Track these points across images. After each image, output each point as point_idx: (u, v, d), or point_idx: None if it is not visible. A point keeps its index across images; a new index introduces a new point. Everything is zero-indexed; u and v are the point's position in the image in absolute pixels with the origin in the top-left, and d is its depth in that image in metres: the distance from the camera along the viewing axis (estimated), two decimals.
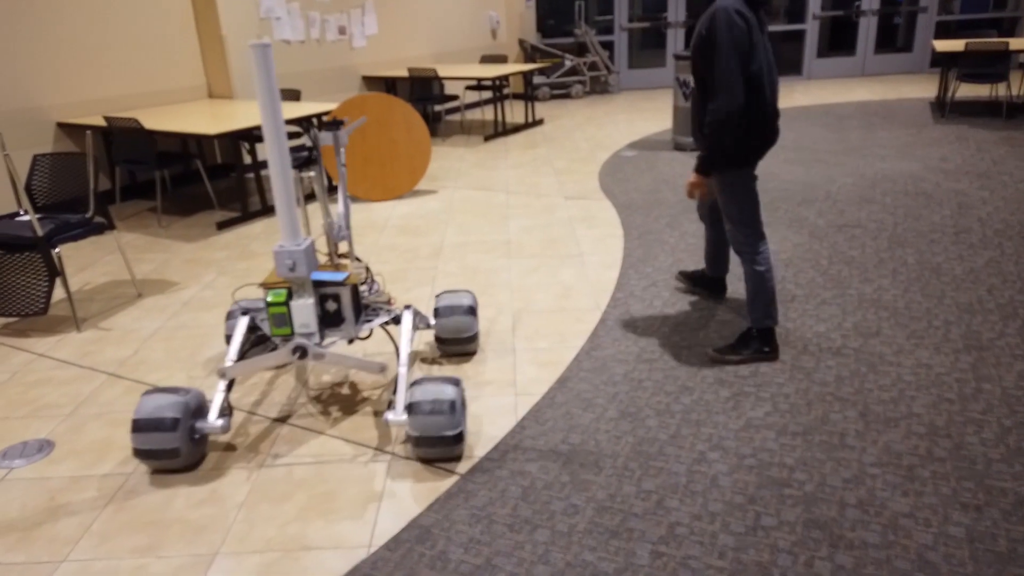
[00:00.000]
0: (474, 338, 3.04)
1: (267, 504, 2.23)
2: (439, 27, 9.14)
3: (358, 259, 2.83)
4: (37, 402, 2.87)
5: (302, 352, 2.41)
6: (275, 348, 2.77)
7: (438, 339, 3.03)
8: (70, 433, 2.65)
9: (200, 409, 2.41)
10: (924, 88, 9.56)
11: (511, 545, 2.03)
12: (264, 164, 6.80)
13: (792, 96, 9.54)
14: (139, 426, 2.28)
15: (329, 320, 2.51)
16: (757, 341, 2.97)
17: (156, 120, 5.24)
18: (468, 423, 2.61)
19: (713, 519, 2.10)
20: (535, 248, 4.39)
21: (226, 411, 2.46)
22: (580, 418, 2.62)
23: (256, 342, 2.82)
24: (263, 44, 2.18)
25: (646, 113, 8.95)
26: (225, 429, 2.41)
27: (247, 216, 5.26)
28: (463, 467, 2.37)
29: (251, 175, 6.22)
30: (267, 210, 5.40)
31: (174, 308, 3.74)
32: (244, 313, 2.74)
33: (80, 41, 5.49)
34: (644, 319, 3.39)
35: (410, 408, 2.29)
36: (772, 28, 10.79)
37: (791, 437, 2.46)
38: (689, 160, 6.45)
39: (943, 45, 7.59)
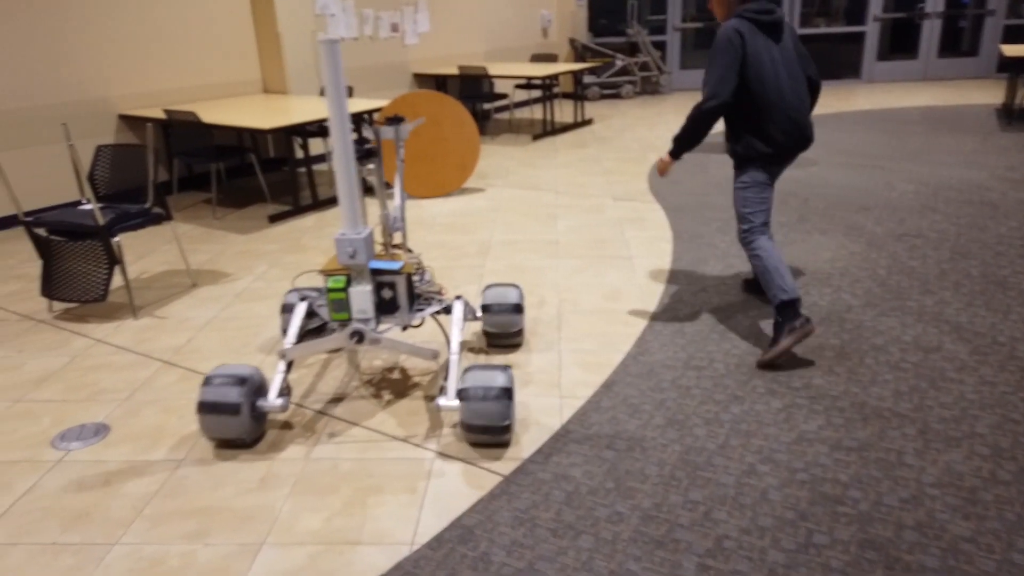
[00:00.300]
0: (520, 332, 3.13)
1: (313, 496, 2.25)
2: (490, 25, 9.15)
3: (411, 250, 2.88)
4: (94, 386, 2.96)
5: (359, 336, 2.51)
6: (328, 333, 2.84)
7: (485, 332, 3.13)
8: (126, 418, 2.72)
9: (261, 388, 2.52)
10: (990, 94, 9.22)
11: (554, 550, 2.01)
12: (316, 159, 6.90)
13: (851, 100, 9.29)
14: (205, 408, 2.40)
15: (384, 307, 2.61)
16: (784, 320, 2.94)
17: (213, 113, 5.35)
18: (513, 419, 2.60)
19: (763, 534, 2.05)
20: (582, 248, 4.35)
21: (285, 391, 2.56)
22: (626, 424, 2.58)
23: (307, 333, 2.87)
24: (332, 40, 2.28)
25: None
26: (284, 408, 2.52)
27: (298, 210, 5.33)
28: (507, 467, 2.35)
29: (303, 169, 6.31)
30: (317, 204, 5.47)
31: (227, 299, 3.81)
32: (302, 299, 2.84)
33: (142, 35, 5.64)
34: (693, 325, 3.33)
35: (461, 394, 2.38)
36: (830, 30, 10.54)
37: (845, 453, 2.38)
38: None
39: (1012, 50, 7.30)
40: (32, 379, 3.03)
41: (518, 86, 8.69)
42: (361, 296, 2.50)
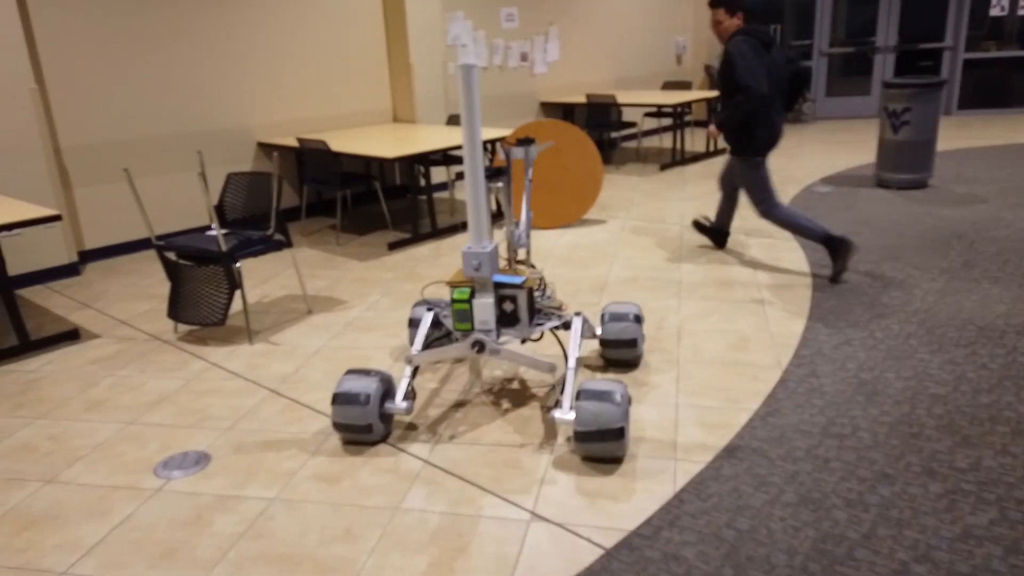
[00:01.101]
0: (636, 343, 3.10)
1: (399, 552, 2.10)
2: (621, 52, 8.96)
3: (534, 266, 3.00)
4: (203, 412, 2.98)
5: (480, 346, 2.62)
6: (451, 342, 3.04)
7: (602, 343, 3.12)
8: (226, 448, 2.70)
9: (389, 391, 2.68)
10: None
11: None
12: (437, 187, 6.95)
13: (1023, 129, 8.31)
14: (340, 399, 2.58)
15: (505, 320, 2.71)
16: (830, 248, 4.00)
17: (342, 142, 5.47)
18: (619, 487, 2.34)
19: None
20: (709, 290, 4.02)
21: (410, 395, 2.70)
22: (751, 498, 2.26)
23: (432, 342, 3.07)
24: (469, 64, 2.47)
25: (844, 145, 8.17)
26: (409, 411, 2.65)
27: (416, 238, 5.33)
28: (609, 539, 2.10)
29: (424, 197, 6.35)
30: (436, 233, 5.45)
31: (338, 328, 3.80)
32: (429, 309, 2.96)
33: (281, 66, 5.89)
34: (834, 384, 2.93)
35: (577, 397, 2.42)
36: (1001, 54, 9.51)
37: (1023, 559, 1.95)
38: (896, 199, 5.73)
39: None
40: (148, 401, 3.11)
41: (647, 114, 8.42)
42: (484, 308, 2.62)
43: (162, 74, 5.24)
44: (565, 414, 2.49)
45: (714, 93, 7.92)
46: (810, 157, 7.59)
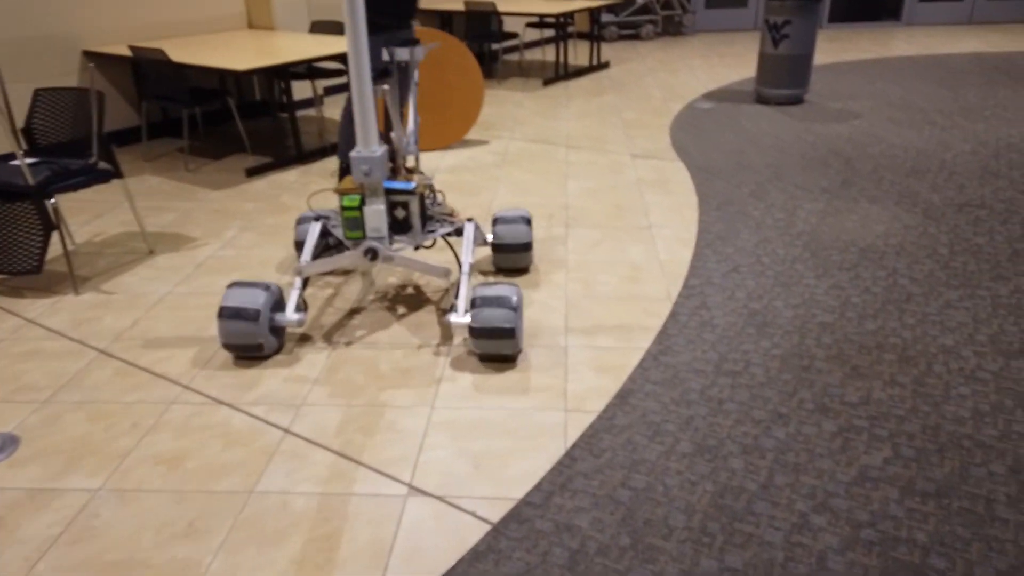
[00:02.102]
0: (529, 247, 3.12)
1: (255, 548, 1.80)
2: None
3: (422, 173, 2.94)
4: (15, 381, 2.50)
5: (373, 254, 2.57)
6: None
7: (495, 248, 3.12)
8: (42, 427, 2.26)
9: (279, 303, 2.59)
10: None
11: None
12: (301, 104, 6.30)
13: (891, 44, 8.52)
14: (226, 313, 2.46)
15: (397, 227, 2.67)
16: None
17: (186, 52, 4.77)
18: (506, 443, 2.13)
19: None
20: (598, 216, 3.82)
21: (302, 307, 2.63)
22: (646, 451, 2.11)
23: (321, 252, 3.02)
24: None
25: (726, 59, 8.10)
26: (301, 323, 2.59)
27: (280, 163, 4.79)
28: (497, 510, 1.89)
29: (286, 115, 5.73)
30: (302, 157, 4.92)
31: (187, 270, 3.33)
32: (316, 219, 2.86)
33: None
34: (725, 314, 2.82)
35: (473, 303, 2.43)
36: None
37: (921, 500, 1.90)
38: (776, 115, 5.70)
39: None
40: None
41: (529, 24, 7.98)
42: (375, 214, 2.56)
43: None
44: (461, 317, 2.50)
45: (599, 2, 7.57)
46: (692, 72, 7.47)
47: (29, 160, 3.18)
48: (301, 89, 6.31)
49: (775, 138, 5.11)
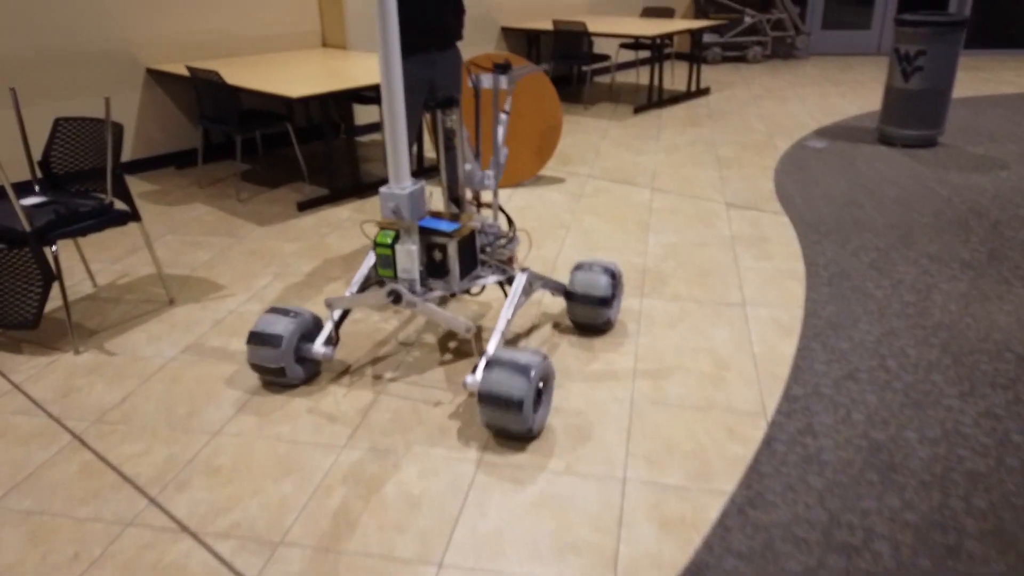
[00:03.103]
0: (607, 302, 2.72)
1: None
2: None
3: (502, 209, 2.73)
4: None
5: (396, 297, 2.38)
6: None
7: (567, 296, 2.77)
8: None
9: (310, 333, 2.50)
10: None
11: None
12: (365, 128, 5.93)
13: None
14: (251, 339, 2.41)
15: (435, 270, 2.45)
16: None
17: (249, 72, 4.46)
18: None
19: None
20: (679, 284, 3.21)
21: (332, 340, 2.52)
22: None
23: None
24: None
25: (843, 88, 7.25)
26: (327, 357, 2.48)
27: (334, 195, 4.41)
28: None
29: (346, 143, 5.36)
30: (359, 188, 4.52)
31: (203, 327, 2.94)
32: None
33: None
34: (837, 446, 2.16)
35: (487, 364, 2.17)
36: None
37: None
38: (903, 160, 4.89)
39: None
40: None
41: (623, 46, 7.39)
42: (406, 255, 2.38)
43: None
44: (476, 378, 2.24)
45: (702, 23, 6.91)
46: (803, 101, 6.68)
47: (36, 200, 2.87)
48: (369, 113, 5.95)
49: (901, 189, 4.34)
